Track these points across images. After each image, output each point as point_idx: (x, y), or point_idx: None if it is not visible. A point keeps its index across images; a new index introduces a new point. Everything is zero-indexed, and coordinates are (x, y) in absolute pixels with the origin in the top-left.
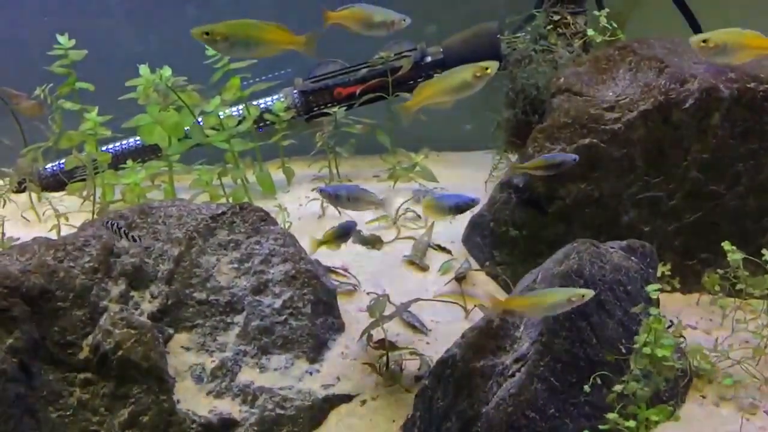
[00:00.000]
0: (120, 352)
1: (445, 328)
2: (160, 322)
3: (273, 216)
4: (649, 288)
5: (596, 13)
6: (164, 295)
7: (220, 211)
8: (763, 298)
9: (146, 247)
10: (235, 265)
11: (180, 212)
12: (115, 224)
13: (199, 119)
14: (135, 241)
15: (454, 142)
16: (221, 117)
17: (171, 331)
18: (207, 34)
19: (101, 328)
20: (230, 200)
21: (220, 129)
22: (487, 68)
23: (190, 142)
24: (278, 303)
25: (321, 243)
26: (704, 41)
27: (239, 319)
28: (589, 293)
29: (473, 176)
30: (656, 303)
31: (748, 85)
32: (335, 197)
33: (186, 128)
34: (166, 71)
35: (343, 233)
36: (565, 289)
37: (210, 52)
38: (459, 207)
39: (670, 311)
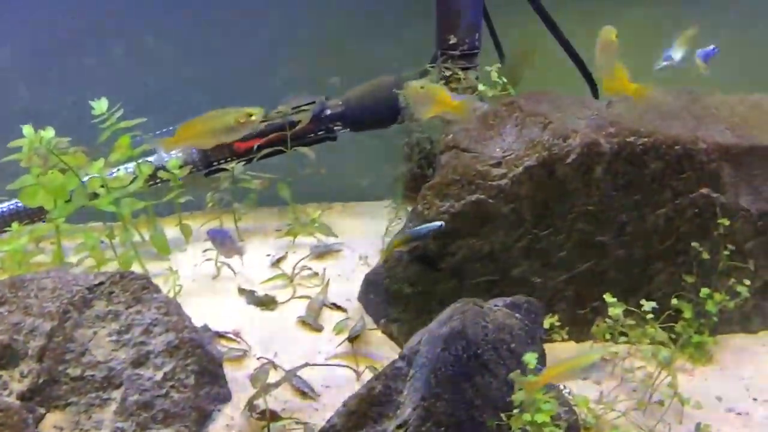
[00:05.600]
0: None
1: (336, 392)
2: (30, 401)
3: (162, 280)
4: (527, 357)
5: (488, 68)
6: (35, 372)
7: (97, 282)
8: (652, 343)
9: (16, 323)
10: (114, 338)
11: (54, 284)
12: None
13: (86, 179)
14: None
15: (361, 193)
16: (111, 176)
17: (42, 410)
18: None
19: None
20: (119, 263)
21: (107, 190)
22: (251, 114)
23: (76, 204)
24: (159, 375)
25: (398, 245)
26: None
27: (117, 394)
28: None
29: (375, 230)
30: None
31: (628, 140)
32: (212, 239)
33: (71, 190)
34: (48, 132)
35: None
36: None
37: (96, 110)
38: None
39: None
